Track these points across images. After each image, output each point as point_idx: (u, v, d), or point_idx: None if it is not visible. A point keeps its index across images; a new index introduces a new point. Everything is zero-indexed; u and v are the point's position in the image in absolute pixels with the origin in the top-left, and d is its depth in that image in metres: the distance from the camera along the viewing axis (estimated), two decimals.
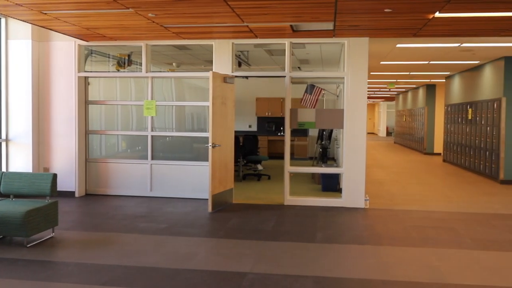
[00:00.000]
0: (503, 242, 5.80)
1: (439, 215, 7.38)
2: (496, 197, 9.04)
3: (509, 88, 10.86)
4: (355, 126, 7.84)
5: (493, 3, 5.47)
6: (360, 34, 7.55)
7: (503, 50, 10.06)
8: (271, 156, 14.79)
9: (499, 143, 11.00)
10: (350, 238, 5.93)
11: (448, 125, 15.57)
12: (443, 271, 4.69)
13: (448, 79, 15.94)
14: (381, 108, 39.14)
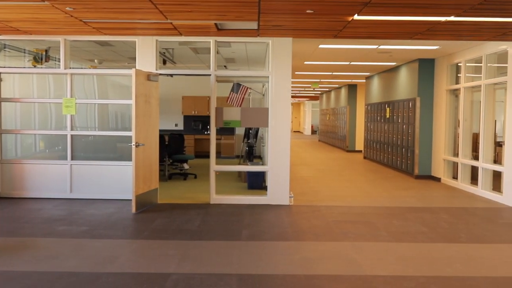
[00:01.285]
0: (416, 233, 6.15)
1: (359, 209, 7.69)
2: (411, 192, 9.57)
3: (422, 88, 11.53)
4: (280, 124, 7.98)
5: (406, 7, 5.77)
6: (283, 34, 7.68)
7: (417, 53, 10.66)
8: (198, 155, 14.71)
9: (414, 141, 11.65)
10: (274, 235, 6.03)
11: (368, 124, 16.26)
12: (361, 263, 4.89)
13: (368, 80, 16.66)
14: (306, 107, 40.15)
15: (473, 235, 6.11)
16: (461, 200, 8.71)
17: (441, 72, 11.05)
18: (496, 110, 9.42)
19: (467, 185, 9.86)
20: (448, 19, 6.34)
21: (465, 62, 9.94)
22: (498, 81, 8.79)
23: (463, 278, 4.51)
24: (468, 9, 5.78)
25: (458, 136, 10.30)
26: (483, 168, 9.15)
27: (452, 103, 10.81)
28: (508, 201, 8.18)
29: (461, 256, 5.21)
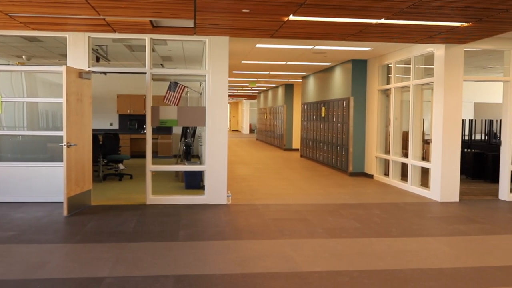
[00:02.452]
0: (350, 229, 6.34)
1: (295, 207, 7.82)
2: (345, 189, 9.85)
3: (356, 88, 11.90)
4: (217, 123, 7.95)
5: (339, 9, 5.92)
6: (220, 33, 7.66)
7: (351, 54, 10.98)
8: (135, 155, 14.39)
9: (348, 139, 12.00)
10: (212, 235, 6.00)
11: (305, 122, 16.57)
12: (297, 260, 4.97)
13: (304, 79, 16.97)
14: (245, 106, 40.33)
15: (403, 229, 6.37)
16: (393, 196, 9.07)
17: (373, 72, 11.45)
18: (424, 110, 9.88)
19: (398, 181, 10.28)
20: (379, 21, 6.57)
21: (395, 63, 10.35)
22: (425, 81, 9.23)
23: (393, 271, 4.69)
24: (397, 12, 6.02)
25: (389, 134, 10.72)
26: (412, 165, 9.57)
27: (383, 102, 11.23)
28: (435, 196, 8.60)
29: (392, 250, 5.42)
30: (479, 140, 12.83)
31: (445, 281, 4.41)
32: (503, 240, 5.92)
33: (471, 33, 7.36)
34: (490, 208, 7.99)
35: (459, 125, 8.53)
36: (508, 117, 8.58)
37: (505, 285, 4.31)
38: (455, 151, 8.47)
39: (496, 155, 9.91)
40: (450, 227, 6.58)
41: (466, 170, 11.40)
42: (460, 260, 5.13)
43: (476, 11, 5.95)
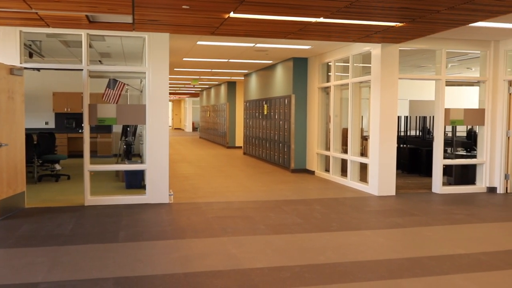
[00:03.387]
0: (292, 225, 6.42)
1: (238, 205, 7.82)
2: (288, 185, 9.98)
3: (297, 86, 12.07)
4: (158, 121, 7.82)
5: (279, 7, 5.97)
6: (160, 29, 7.53)
7: (292, 52, 11.12)
8: (73, 154, 13.91)
9: (290, 136, 12.16)
10: (153, 235, 5.89)
11: (248, 120, 16.63)
12: (240, 257, 4.98)
13: (246, 77, 17.02)
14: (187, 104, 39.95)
15: (343, 224, 6.53)
16: (333, 191, 9.27)
17: (314, 70, 11.66)
18: (362, 107, 10.17)
19: (338, 177, 10.53)
20: (318, 20, 6.69)
21: (335, 61, 10.59)
22: (363, 79, 9.50)
23: (334, 264, 4.79)
24: (335, 11, 6.14)
25: (330, 131, 10.96)
26: (352, 161, 9.83)
27: (323, 100, 11.46)
28: (373, 191, 8.88)
29: (333, 244, 5.54)
30: (414, 136, 13.37)
31: (383, 273, 4.55)
32: (436, 231, 6.19)
33: (406, 33, 7.64)
34: (424, 201, 8.34)
35: (395, 122, 8.84)
36: (439, 113, 8.99)
37: (439, 274, 4.51)
38: (391, 147, 8.78)
39: (429, 150, 10.35)
40: (387, 220, 6.81)
41: (402, 165, 11.84)
42: (397, 251, 5.31)
43: (409, 12, 6.18)
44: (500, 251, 5.28)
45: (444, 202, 8.25)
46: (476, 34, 8.41)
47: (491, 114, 9.14)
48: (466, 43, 9.00)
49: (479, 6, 5.76)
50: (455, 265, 4.79)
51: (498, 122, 9.08)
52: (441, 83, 8.97)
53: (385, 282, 4.32)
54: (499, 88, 9.07)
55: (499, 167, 9.10)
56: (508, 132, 9.02)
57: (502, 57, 9.00)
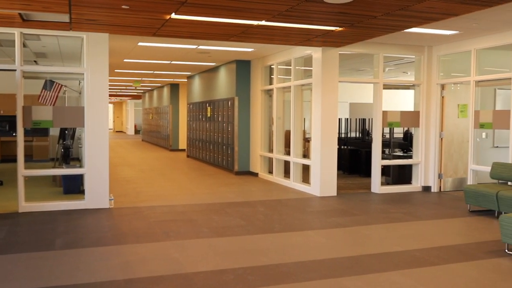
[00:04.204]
0: (235, 227, 6.42)
1: (181, 208, 7.73)
2: (231, 187, 9.97)
3: (240, 88, 12.10)
4: (97, 124, 7.59)
5: (220, 10, 5.95)
6: (99, 29, 7.32)
7: (235, 54, 11.13)
8: (6, 159, 13.26)
9: (233, 138, 12.16)
10: (93, 241, 5.70)
11: (191, 122, 16.49)
12: (182, 261, 4.92)
13: (190, 79, 16.89)
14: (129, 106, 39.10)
15: (285, 225, 6.60)
16: (276, 193, 9.36)
17: (256, 73, 11.74)
18: (304, 109, 10.34)
19: (281, 178, 10.64)
20: (260, 23, 6.73)
21: (277, 64, 10.71)
22: (304, 82, 9.66)
23: (277, 265, 4.83)
24: (277, 14, 6.20)
25: (273, 133, 11.06)
26: (294, 162, 9.97)
27: (266, 102, 11.56)
28: (315, 191, 9.04)
29: (275, 245, 5.58)
30: (354, 137, 13.74)
31: (324, 272, 4.64)
32: (375, 230, 6.39)
33: (345, 37, 7.84)
34: (363, 200, 8.58)
35: (335, 124, 9.05)
36: (377, 116, 9.28)
37: (378, 271, 4.65)
38: (332, 149, 8.97)
39: (368, 151, 10.67)
40: (329, 220, 6.96)
41: (343, 166, 12.13)
42: (338, 250, 5.43)
43: (348, 17, 6.34)
44: (434, 247, 5.51)
45: (382, 201, 8.52)
46: (411, 39, 8.76)
47: (426, 116, 9.55)
48: (402, 48, 9.36)
49: (413, 12, 6.00)
50: (393, 262, 4.95)
51: (432, 124, 9.50)
52: (378, 86, 9.28)
53: (327, 281, 4.40)
54: (432, 92, 9.49)
55: (433, 167, 9.52)
56: (441, 133, 9.45)
57: (435, 62, 9.43)
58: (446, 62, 9.52)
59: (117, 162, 14.92)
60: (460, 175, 9.63)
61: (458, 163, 9.62)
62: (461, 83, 9.33)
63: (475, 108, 8.54)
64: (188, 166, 14.31)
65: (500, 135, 9.46)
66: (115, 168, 13.21)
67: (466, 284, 4.38)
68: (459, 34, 8.20)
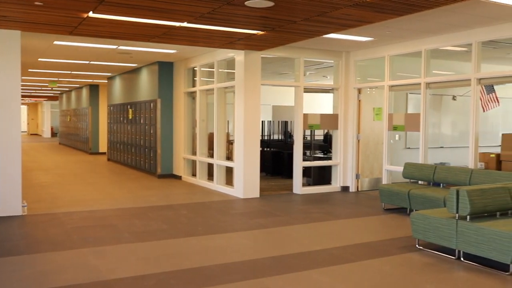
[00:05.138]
0: (157, 231, 6.32)
1: (101, 213, 7.48)
2: (154, 191, 9.80)
3: (163, 90, 11.92)
4: (8, 126, 7.16)
5: (141, 10, 5.83)
6: (10, 26, 6.91)
7: (157, 55, 10.95)
8: None
9: (156, 141, 11.96)
10: (3, 251, 5.36)
11: (112, 125, 16.00)
12: (102, 268, 4.76)
13: (110, 80, 16.39)
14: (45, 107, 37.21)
15: (209, 227, 6.59)
16: (200, 195, 9.32)
17: (179, 75, 11.63)
18: (228, 112, 10.38)
19: (204, 181, 10.61)
20: (182, 24, 6.68)
21: (200, 66, 10.67)
22: (227, 85, 9.71)
23: (199, 268, 4.81)
24: (199, 17, 6.19)
25: (196, 135, 11.00)
26: (218, 165, 9.98)
27: (190, 104, 11.48)
28: (239, 193, 9.11)
29: (199, 248, 5.56)
30: (277, 139, 14.00)
31: (247, 273, 4.69)
32: (295, 230, 6.55)
33: (267, 41, 7.98)
34: (285, 201, 8.77)
35: (258, 126, 9.18)
36: (299, 118, 9.53)
37: (298, 270, 4.77)
38: (255, 151, 9.09)
39: (290, 153, 10.89)
40: (251, 221, 7.03)
41: (266, 167, 12.31)
42: (260, 251, 5.51)
43: (269, 21, 6.46)
44: (350, 245, 5.75)
45: (303, 202, 8.75)
46: (330, 45, 9.08)
47: (344, 119, 9.93)
48: (322, 53, 9.68)
49: (331, 19, 6.23)
50: (312, 261, 5.10)
51: (349, 126, 9.90)
52: (299, 89, 9.53)
53: (249, 282, 4.44)
54: (350, 95, 9.90)
55: (351, 167, 9.92)
56: (358, 135, 9.88)
57: (352, 67, 9.84)
58: (362, 67, 9.97)
59: (31, 167, 14.14)
60: (376, 175, 10.12)
61: (374, 164, 10.11)
62: (376, 88, 9.81)
63: (388, 112, 9.02)
64: (108, 169, 13.87)
65: (411, 137, 10.05)
66: (29, 173, 12.52)
67: (379, 279, 4.61)
68: (374, 41, 8.62)
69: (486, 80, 7.66)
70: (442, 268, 4.87)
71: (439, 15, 6.63)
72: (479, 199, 5.03)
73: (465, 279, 4.57)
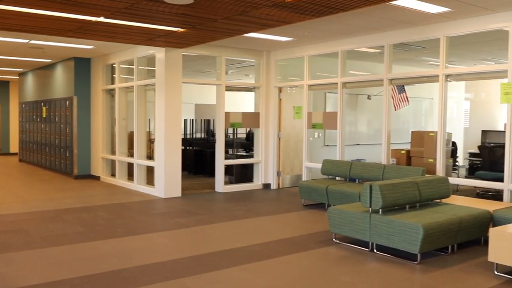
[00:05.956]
0: (73, 234, 6.05)
1: (10, 218, 7.03)
2: (70, 192, 9.38)
3: (79, 87, 11.43)
4: None
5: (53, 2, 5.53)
6: None
7: (73, 51, 10.48)
8: None
9: (72, 140, 11.45)
10: None
11: (24, 124, 15.12)
12: (10, 276, 4.47)
13: (22, 76, 15.47)
14: None
15: (128, 229, 6.41)
16: (119, 196, 9.04)
17: (97, 72, 11.21)
18: (148, 110, 10.16)
19: (124, 181, 10.31)
20: (98, 19, 6.44)
21: (119, 63, 10.36)
22: (148, 82, 9.50)
23: (118, 271, 4.66)
24: (116, 12, 5.99)
25: (115, 134, 10.66)
26: (138, 164, 9.75)
27: (108, 102, 11.10)
28: (160, 193, 8.95)
29: (117, 251, 5.39)
30: (200, 138, 13.92)
31: (167, 274, 4.61)
32: (217, 228, 6.54)
33: (188, 39, 7.90)
34: (208, 200, 8.74)
35: (180, 125, 9.07)
36: (220, 116, 9.52)
37: (219, 268, 4.77)
38: (176, 149, 8.97)
39: (213, 152, 10.88)
40: (172, 221, 6.94)
41: (188, 166, 12.20)
42: (181, 251, 5.45)
43: (190, 19, 6.39)
44: (271, 241, 5.84)
45: (225, 200, 8.77)
46: (251, 44, 9.16)
47: (265, 117, 10.07)
48: (243, 52, 9.74)
49: (251, 18, 6.28)
50: (234, 258, 5.12)
51: (270, 125, 10.06)
52: (221, 88, 9.53)
53: (169, 282, 4.38)
54: (271, 94, 10.05)
55: (272, 165, 10.08)
56: (279, 133, 10.06)
57: (273, 66, 10.00)
58: (283, 66, 10.16)
59: None
60: (296, 172, 10.36)
61: (294, 161, 10.34)
62: (296, 87, 10.04)
63: (308, 110, 9.27)
64: (20, 171, 13.08)
65: (330, 135, 10.39)
66: None
67: (298, 273, 4.72)
68: (294, 41, 8.82)
69: (397, 81, 8.09)
70: (356, 260, 5.08)
71: (354, 18, 6.91)
72: (390, 193, 5.30)
73: (377, 270, 4.80)
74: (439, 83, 7.14)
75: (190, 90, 12.86)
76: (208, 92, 14.81)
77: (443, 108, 7.14)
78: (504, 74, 6.45)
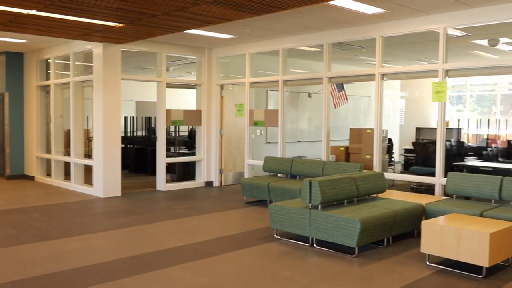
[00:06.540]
0: (4, 238, 5.76)
1: None
2: (1, 194, 8.94)
3: (11, 83, 10.89)
4: None
5: None
6: None
7: (4, 45, 9.97)
8: None
9: (4, 139, 10.90)
10: None
11: None
12: None
13: None
14: None
15: (64, 230, 6.18)
16: (55, 196, 8.71)
17: (31, 67, 10.72)
18: (87, 107, 9.83)
19: (61, 181, 9.95)
20: (31, 12, 6.16)
21: (54, 58, 9.96)
22: (85, 79, 9.20)
23: (52, 275, 4.49)
24: (49, 4, 5.75)
25: (51, 132, 10.25)
26: (75, 163, 9.43)
27: (43, 99, 10.66)
28: (98, 193, 8.70)
29: (52, 253, 5.19)
30: (140, 136, 13.64)
31: (104, 275, 4.49)
32: (158, 227, 6.44)
33: (126, 34, 7.71)
34: (148, 199, 8.58)
35: (119, 122, 8.84)
36: (161, 114, 9.37)
37: (159, 268, 4.69)
38: (116, 148, 8.74)
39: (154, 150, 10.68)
40: (111, 221, 6.76)
41: (128, 165, 11.92)
42: (120, 252, 5.32)
43: (128, 13, 6.24)
44: (213, 239, 5.82)
45: (167, 198, 8.65)
46: (192, 40, 9.08)
47: (207, 114, 10.01)
48: (185, 48, 9.64)
49: (191, 15, 6.21)
50: (174, 257, 5.06)
51: (213, 122, 10.01)
52: (162, 85, 9.38)
53: (107, 284, 4.26)
54: (213, 91, 10.00)
55: (214, 163, 10.04)
56: (221, 131, 10.04)
57: (215, 64, 9.96)
58: (225, 64, 10.14)
59: None
60: (239, 170, 10.37)
61: (237, 158, 10.35)
62: (238, 84, 10.05)
63: (250, 108, 9.30)
64: None
65: (271, 132, 10.48)
66: None
67: (239, 270, 4.73)
68: (235, 39, 8.82)
69: (336, 79, 8.29)
70: (297, 256, 5.16)
71: (294, 17, 7.00)
72: (329, 189, 5.42)
73: (317, 264, 4.89)
74: (376, 82, 7.37)
75: (131, 87, 12.58)
76: (149, 89, 14.55)
77: (380, 106, 7.38)
78: (435, 73, 6.76)
